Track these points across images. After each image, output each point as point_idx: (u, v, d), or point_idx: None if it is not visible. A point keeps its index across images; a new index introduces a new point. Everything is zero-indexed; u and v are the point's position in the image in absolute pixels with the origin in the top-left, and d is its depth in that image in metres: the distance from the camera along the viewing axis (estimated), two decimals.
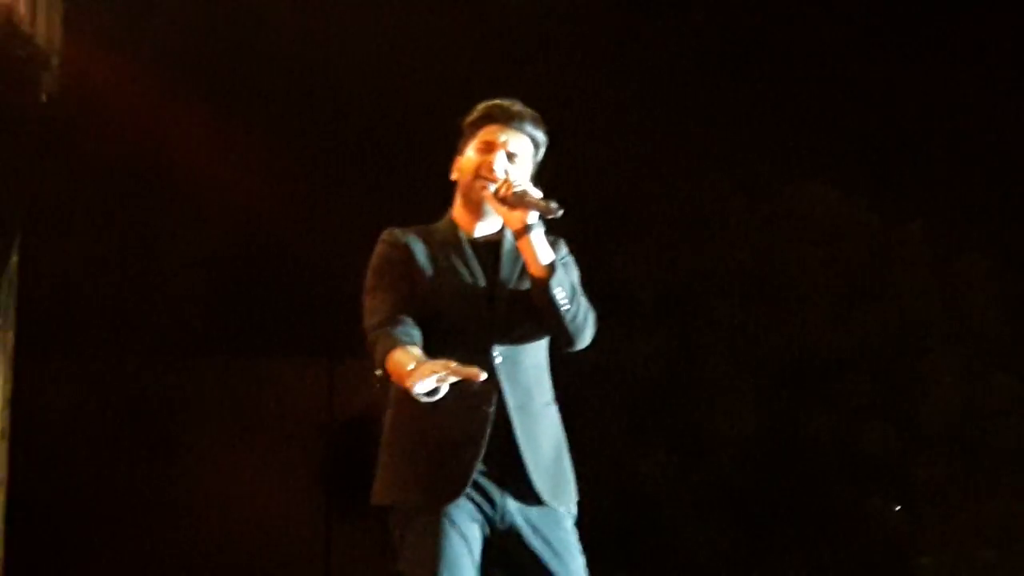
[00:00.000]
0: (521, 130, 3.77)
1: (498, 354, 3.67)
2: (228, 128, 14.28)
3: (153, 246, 15.23)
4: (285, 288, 15.20)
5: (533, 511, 3.69)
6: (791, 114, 14.49)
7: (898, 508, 13.07)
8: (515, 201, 3.63)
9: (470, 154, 3.77)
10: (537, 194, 3.63)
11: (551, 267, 3.65)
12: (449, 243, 3.76)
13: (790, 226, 13.69)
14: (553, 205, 3.59)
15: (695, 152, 14.31)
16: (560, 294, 3.66)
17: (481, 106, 3.82)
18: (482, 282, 3.73)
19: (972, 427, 12.97)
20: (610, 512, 12.64)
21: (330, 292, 14.94)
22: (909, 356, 13.22)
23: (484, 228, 3.78)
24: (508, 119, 3.77)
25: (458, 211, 3.82)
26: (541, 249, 3.65)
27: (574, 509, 3.87)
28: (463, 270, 3.73)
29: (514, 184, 3.65)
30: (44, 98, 9.77)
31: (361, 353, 3.67)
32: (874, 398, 13.03)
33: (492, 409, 3.63)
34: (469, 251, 3.76)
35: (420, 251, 3.73)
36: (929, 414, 12.97)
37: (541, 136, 3.83)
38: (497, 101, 3.81)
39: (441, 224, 3.83)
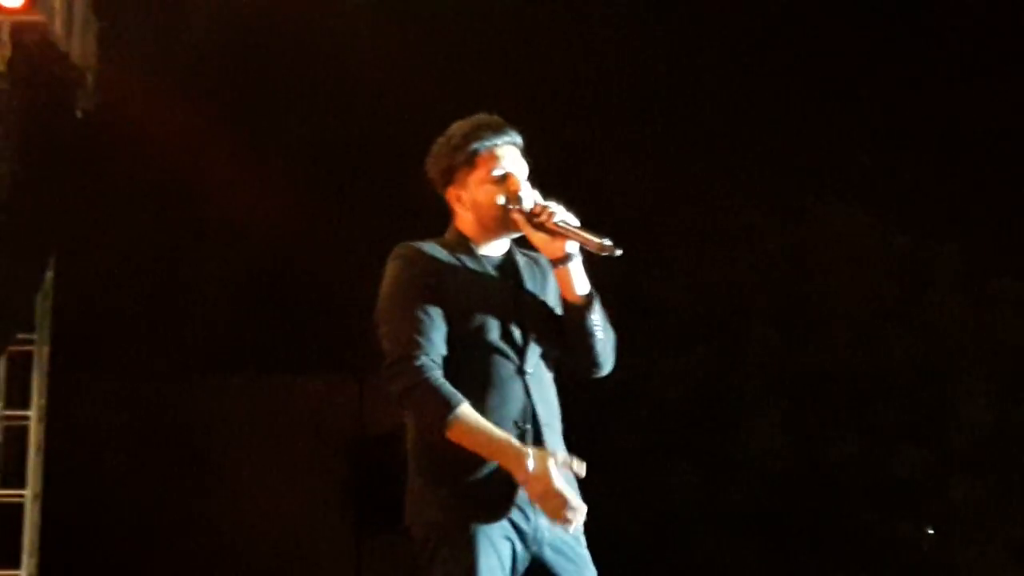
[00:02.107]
0: (514, 143, 3.69)
1: (529, 368, 3.61)
2: (259, 147, 14.36)
3: (185, 263, 15.30)
4: (315, 305, 15.23)
5: (557, 528, 3.65)
6: (824, 136, 14.46)
7: (930, 531, 13.00)
8: (560, 232, 3.57)
9: (484, 185, 3.63)
10: (575, 222, 3.58)
11: (589, 296, 3.63)
12: (468, 257, 3.66)
13: (822, 248, 13.66)
14: (607, 243, 3.53)
15: (727, 173, 14.30)
16: (596, 323, 3.64)
17: (468, 131, 3.66)
18: (508, 296, 3.66)
19: (1004, 450, 12.89)
20: (638, 529, 12.61)
21: (359, 310, 14.95)
22: (941, 379, 13.15)
23: (496, 247, 3.71)
24: (501, 136, 3.66)
25: (470, 231, 3.70)
26: (579, 278, 3.62)
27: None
28: (489, 284, 3.65)
29: (555, 214, 3.58)
30: (79, 115, 9.85)
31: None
32: (906, 420, 12.97)
33: (530, 427, 3.56)
34: (488, 266, 3.69)
35: (445, 265, 3.61)
36: (961, 437, 12.91)
37: (521, 139, 3.73)
38: (479, 121, 3.66)
39: (450, 239, 3.70)
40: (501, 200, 3.62)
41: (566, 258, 3.60)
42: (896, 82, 15.09)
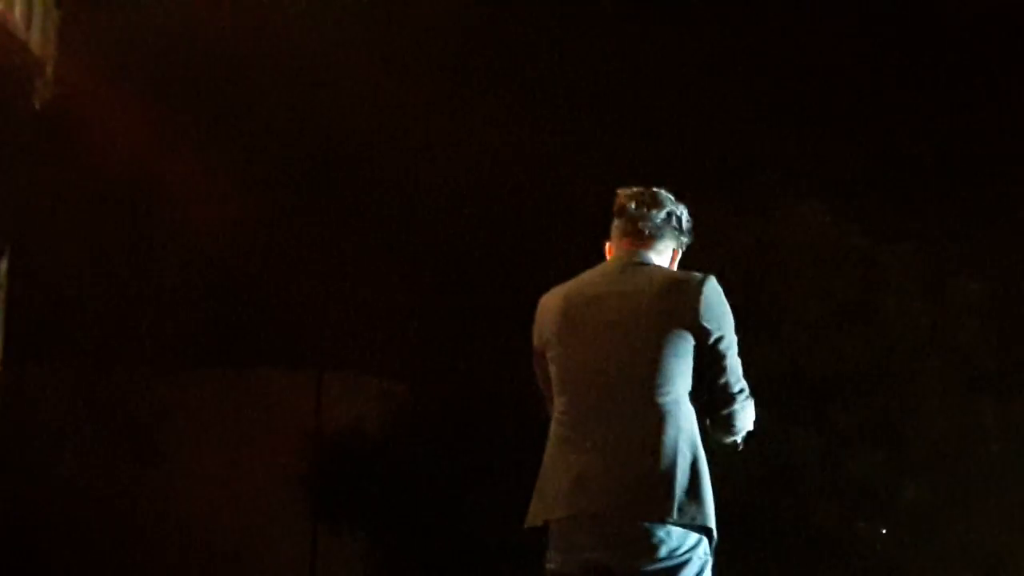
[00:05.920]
0: None
1: None
2: (218, 139, 14.29)
3: (143, 256, 15.20)
4: (273, 299, 15.18)
5: None
6: (783, 137, 14.52)
7: (884, 531, 13.06)
8: None
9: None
10: None
11: None
12: None
13: (781, 247, 13.69)
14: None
15: (687, 173, 14.32)
16: None
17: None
18: None
19: (959, 451, 12.96)
20: None
21: (318, 304, 14.95)
22: (898, 379, 13.21)
23: None
24: None
25: None
26: None
27: None
28: None
29: None
30: (37, 105, 9.80)
31: (348, 365, 3.56)
32: (862, 421, 13.03)
33: None
34: None
35: None
36: (916, 437, 12.97)
37: None
38: None
39: None
40: None
41: None
42: (859, 84, 15.16)
